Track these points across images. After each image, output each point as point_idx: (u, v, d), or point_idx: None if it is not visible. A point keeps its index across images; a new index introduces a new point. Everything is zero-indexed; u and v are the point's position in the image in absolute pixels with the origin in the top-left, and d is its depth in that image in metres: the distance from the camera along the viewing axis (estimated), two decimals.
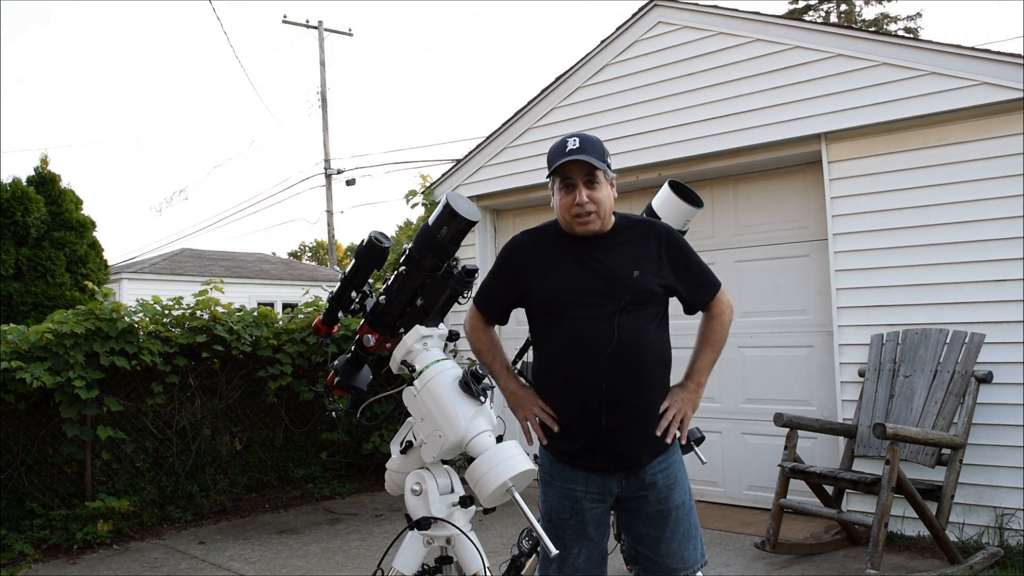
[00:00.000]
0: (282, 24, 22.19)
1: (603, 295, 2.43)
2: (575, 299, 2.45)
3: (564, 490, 2.50)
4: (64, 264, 11.53)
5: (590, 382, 2.41)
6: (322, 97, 21.28)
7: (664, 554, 2.49)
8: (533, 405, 2.53)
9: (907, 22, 25.16)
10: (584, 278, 2.46)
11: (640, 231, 2.54)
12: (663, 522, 2.49)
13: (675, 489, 2.51)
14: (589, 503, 2.48)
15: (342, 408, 2.67)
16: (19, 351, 5.48)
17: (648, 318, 2.46)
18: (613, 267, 2.46)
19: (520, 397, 2.56)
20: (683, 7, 6.04)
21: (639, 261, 2.47)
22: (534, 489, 2.48)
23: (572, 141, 2.45)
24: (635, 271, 2.45)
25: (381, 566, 2.30)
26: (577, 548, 2.49)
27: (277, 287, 20.40)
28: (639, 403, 2.45)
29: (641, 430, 2.46)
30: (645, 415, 2.46)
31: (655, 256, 2.50)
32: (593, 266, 2.47)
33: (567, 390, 2.48)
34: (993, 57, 4.72)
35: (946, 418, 4.54)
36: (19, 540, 5.37)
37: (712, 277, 2.60)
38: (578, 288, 2.45)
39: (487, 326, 2.70)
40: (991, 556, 4.40)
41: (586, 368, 2.42)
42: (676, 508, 2.50)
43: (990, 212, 4.76)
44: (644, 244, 2.51)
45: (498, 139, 7.17)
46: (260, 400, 6.87)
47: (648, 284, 2.45)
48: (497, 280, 2.64)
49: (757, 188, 6.02)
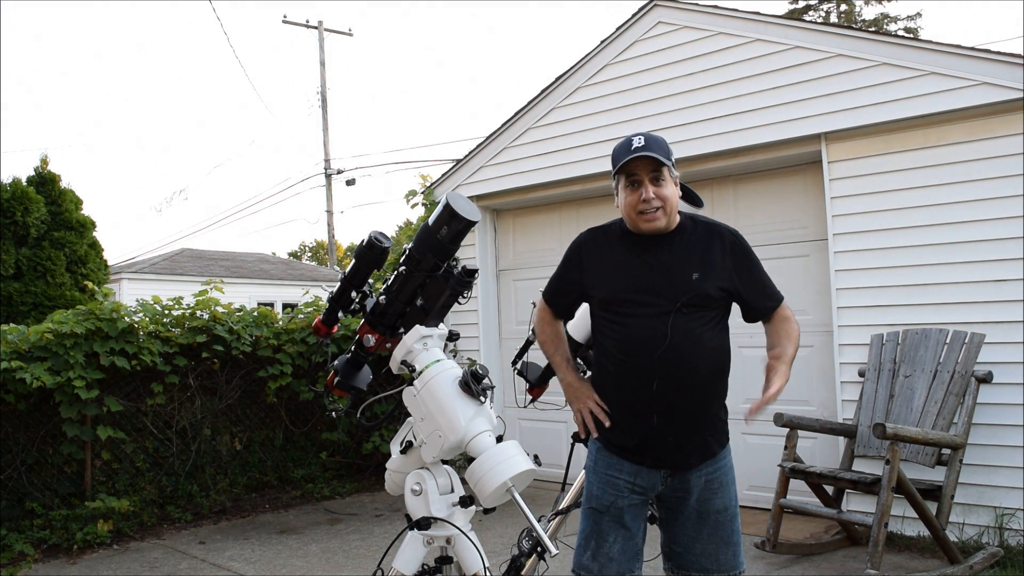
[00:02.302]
0: (282, 24, 22.20)
1: (659, 295, 2.43)
2: (632, 298, 2.46)
3: (608, 479, 2.53)
4: (64, 264, 11.53)
5: (642, 381, 2.43)
6: (322, 97, 21.30)
7: (698, 552, 2.50)
8: (588, 399, 2.56)
9: (907, 22, 25.18)
10: (642, 277, 2.46)
11: (704, 232, 2.53)
12: (700, 524, 2.50)
13: (719, 494, 2.51)
14: (630, 494, 2.50)
15: (342, 408, 2.67)
16: (19, 351, 5.48)
17: (704, 321, 2.44)
18: (673, 267, 2.46)
19: (576, 389, 2.61)
20: (683, 7, 6.04)
21: (700, 263, 2.46)
22: (534, 489, 2.49)
23: (637, 139, 2.45)
24: (695, 273, 2.44)
25: (381, 566, 2.30)
26: (613, 536, 2.51)
27: (277, 287, 20.39)
28: (690, 405, 2.44)
29: (691, 432, 2.46)
30: (696, 418, 2.46)
31: (718, 259, 2.48)
32: (653, 265, 2.47)
33: (620, 387, 2.50)
34: (993, 57, 4.71)
35: (946, 418, 4.54)
36: (19, 540, 5.37)
37: (776, 289, 2.60)
38: (635, 287, 2.46)
39: (554, 319, 2.74)
40: (991, 556, 4.40)
41: (638, 367, 2.43)
42: (717, 512, 2.50)
43: (990, 212, 4.76)
44: (708, 246, 2.50)
45: (498, 139, 7.17)
46: (260, 400, 6.87)
47: (706, 287, 2.44)
48: (562, 276, 2.68)
49: (757, 188, 6.02)
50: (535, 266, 7.16)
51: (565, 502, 3.44)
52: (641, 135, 2.46)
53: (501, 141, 7.15)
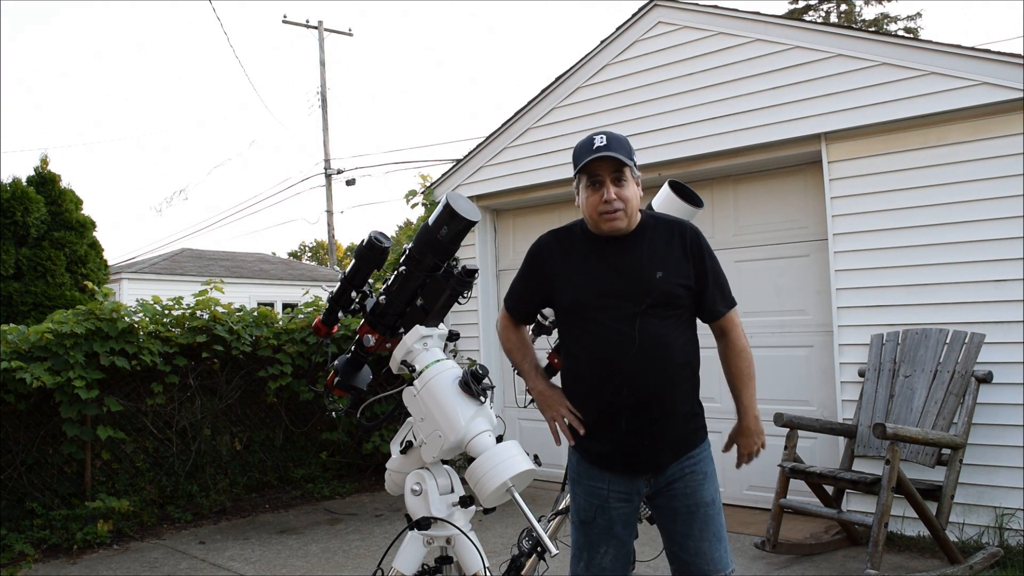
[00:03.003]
0: (282, 24, 22.19)
1: (625, 297, 2.40)
2: (598, 301, 2.42)
3: (591, 488, 2.50)
4: (64, 264, 11.52)
5: (612, 385, 2.40)
6: (322, 97, 21.29)
7: (693, 553, 2.46)
8: (560, 406, 2.52)
9: (907, 22, 25.16)
10: (607, 280, 2.43)
11: (666, 230, 2.49)
12: (691, 518, 2.46)
13: (704, 485, 2.47)
14: (616, 502, 2.47)
15: (342, 408, 2.67)
16: (19, 351, 5.48)
17: (672, 320, 2.41)
18: (636, 268, 2.42)
19: (548, 397, 2.56)
20: (683, 7, 6.04)
21: (663, 262, 2.42)
22: (534, 489, 2.49)
23: (599, 138, 2.41)
24: (658, 272, 2.40)
25: (381, 566, 2.30)
26: (604, 547, 2.48)
27: (277, 287, 20.38)
28: (662, 406, 2.42)
29: (665, 433, 2.43)
30: (668, 418, 2.43)
31: (679, 257, 2.45)
32: (617, 267, 2.43)
33: (590, 392, 2.47)
34: (993, 57, 4.71)
35: (946, 418, 4.54)
36: (19, 540, 5.37)
37: (730, 294, 2.54)
38: (601, 290, 2.43)
39: (516, 326, 2.69)
40: (991, 556, 4.40)
41: (607, 370, 2.41)
42: (706, 505, 2.46)
43: (990, 212, 4.76)
44: (669, 244, 2.46)
45: (498, 139, 7.17)
46: (260, 400, 6.87)
47: (670, 286, 2.41)
48: (524, 281, 2.63)
49: (757, 188, 6.02)
50: None
51: (565, 502, 3.44)
52: (603, 134, 2.43)
53: (501, 141, 7.15)
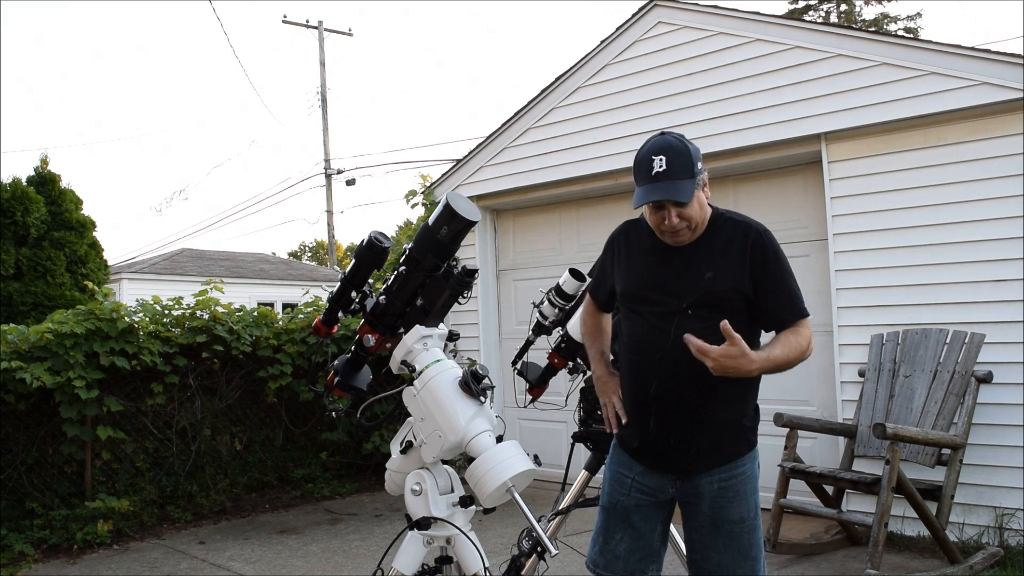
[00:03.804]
0: (282, 24, 22.18)
1: (669, 293, 2.35)
2: (644, 294, 2.41)
3: (617, 474, 2.52)
4: (64, 264, 11.53)
5: (642, 381, 2.40)
6: (322, 97, 21.29)
7: (715, 563, 2.39)
8: (612, 393, 2.56)
9: (907, 22, 25.17)
10: (657, 274, 2.40)
11: (730, 229, 2.39)
12: (715, 532, 2.38)
13: (735, 503, 2.37)
14: (637, 493, 2.47)
15: (342, 408, 2.67)
16: (19, 351, 5.48)
17: (716, 323, 2.18)
18: (689, 265, 2.35)
19: (603, 383, 2.61)
20: (683, 7, 6.04)
21: (717, 262, 2.33)
22: (534, 489, 2.48)
23: (658, 162, 2.26)
24: (708, 272, 2.32)
25: (381, 566, 2.30)
26: (620, 534, 2.47)
27: (277, 287, 20.38)
28: (689, 409, 2.34)
29: (691, 436, 2.36)
30: (697, 421, 2.34)
31: (737, 257, 2.33)
32: (671, 262, 2.38)
33: (627, 383, 2.50)
34: (993, 57, 4.71)
35: (946, 418, 4.54)
36: (19, 540, 5.37)
37: (801, 304, 2.35)
38: (649, 284, 2.41)
39: (596, 311, 2.72)
40: (991, 556, 4.40)
41: (641, 366, 2.41)
42: (732, 523, 2.37)
43: (990, 212, 4.76)
44: (729, 244, 2.35)
45: (498, 139, 7.17)
46: (260, 400, 6.87)
47: (718, 287, 2.30)
48: (599, 268, 2.68)
49: (757, 188, 6.02)
50: (535, 266, 7.16)
51: (565, 502, 3.44)
52: (663, 153, 2.27)
53: (501, 141, 7.15)
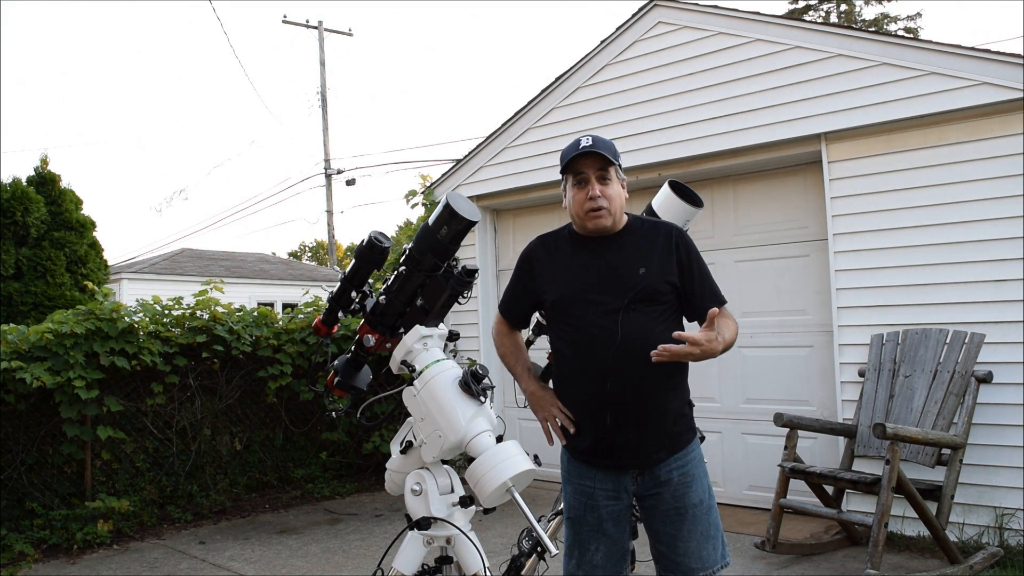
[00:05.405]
0: (282, 24, 22.15)
1: (608, 293, 2.44)
2: (581, 298, 2.47)
3: (579, 487, 2.53)
4: (64, 264, 11.52)
5: (595, 380, 2.43)
6: (322, 97, 21.28)
7: (682, 553, 2.48)
8: (551, 406, 2.57)
9: (907, 22, 25.16)
10: (590, 277, 2.48)
11: (651, 230, 2.56)
12: (679, 520, 2.48)
13: (692, 487, 2.49)
14: (604, 500, 2.50)
15: (342, 408, 2.67)
16: (19, 351, 5.48)
17: (656, 316, 2.43)
18: (619, 265, 2.47)
19: (539, 398, 2.61)
20: (683, 7, 6.04)
21: (646, 258, 2.47)
22: (534, 489, 2.49)
23: (585, 139, 2.49)
24: (641, 268, 2.45)
25: (381, 566, 2.30)
26: (595, 545, 2.51)
27: (277, 287, 20.38)
28: (646, 401, 2.44)
29: (650, 428, 2.45)
30: (653, 413, 2.45)
31: (663, 254, 2.49)
32: (600, 265, 2.48)
33: (576, 388, 2.51)
34: (993, 57, 4.71)
35: (946, 418, 4.54)
36: (19, 540, 5.37)
37: (720, 293, 2.55)
38: (583, 287, 2.48)
39: (510, 331, 2.77)
40: (991, 556, 4.40)
41: (591, 366, 2.44)
42: (693, 507, 2.48)
43: (990, 212, 4.76)
44: (653, 242, 2.51)
45: (498, 139, 7.17)
46: (260, 400, 6.87)
47: (654, 281, 2.44)
48: (515, 286, 2.72)
49: (757, 188, 6.02)
50: None
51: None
52: (590, 136, 2.50)
53: (501, 141, 7.15)
